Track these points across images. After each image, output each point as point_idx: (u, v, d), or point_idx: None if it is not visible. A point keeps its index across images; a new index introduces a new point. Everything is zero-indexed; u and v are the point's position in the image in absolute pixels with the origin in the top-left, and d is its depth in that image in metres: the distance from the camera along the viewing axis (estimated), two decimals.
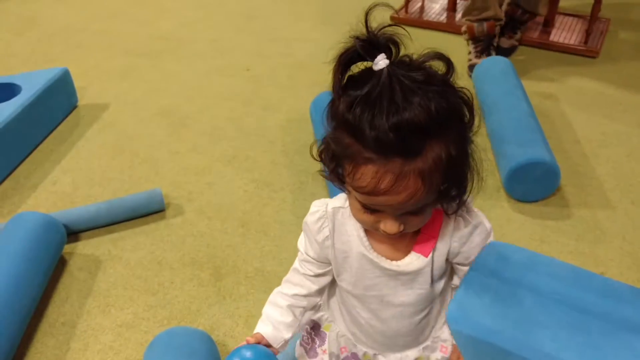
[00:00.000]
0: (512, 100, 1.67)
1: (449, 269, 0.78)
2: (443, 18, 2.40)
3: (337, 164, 0.64)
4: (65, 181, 1.63)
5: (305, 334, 0.91)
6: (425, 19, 2.41)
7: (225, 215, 1.49)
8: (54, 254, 1.32)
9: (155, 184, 1.59)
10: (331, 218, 0.75)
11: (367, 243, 0.73)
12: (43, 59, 2.26)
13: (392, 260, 0.73)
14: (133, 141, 1.80)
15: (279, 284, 0.86)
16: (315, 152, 0.69)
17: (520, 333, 0.58)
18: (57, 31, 2.51)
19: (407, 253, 0.73)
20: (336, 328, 0.86)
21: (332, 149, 0.63)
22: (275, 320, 0.81)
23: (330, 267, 0.80)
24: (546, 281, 0.63)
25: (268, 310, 0.83)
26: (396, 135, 0.56)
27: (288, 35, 2.40)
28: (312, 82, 2.03)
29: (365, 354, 0.84)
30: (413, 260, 0.72)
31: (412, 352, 0.82)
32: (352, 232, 0.74)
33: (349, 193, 0.66)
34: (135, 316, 1.24)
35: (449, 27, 2.35)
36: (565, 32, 2.26)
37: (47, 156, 1.74)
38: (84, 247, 1.42)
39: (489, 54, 2.02)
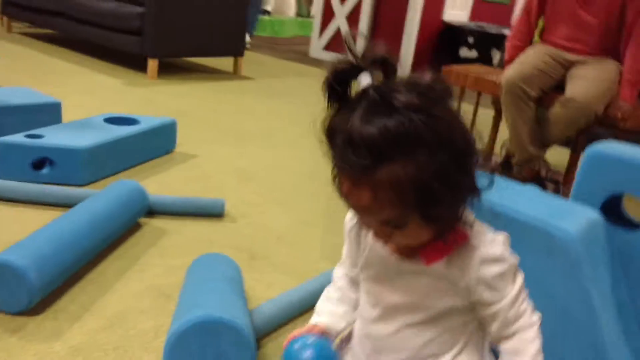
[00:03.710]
0: None
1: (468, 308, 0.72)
2: None
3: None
4: (153, 187, 2.07)
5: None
6: None
7: (268, 233, 1.87)
8: (137, 210, 1.73)
9: None
10: None
11: None
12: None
13: (396, 255, 0.73)
14: (210, 179, 2.25)
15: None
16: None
17: None
18: (182, 114, 3.14)
19: (414, 255, 0.71)
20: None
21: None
22: (329, 312, 0.82)
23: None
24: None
25: (321, 304, 0.84)
26: (351, 150, 0.60)
27: None
28: None
29: None
30: (414, 263, 0.70)
31: None
32: None
33: None
34: (183, 263, 1.58)
35: None
36: None
37: (144, 171, 2.22)
38: (157, 222, 1.82)
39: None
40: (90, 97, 3.17)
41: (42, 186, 1.82)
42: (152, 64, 3.77)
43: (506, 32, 4.78)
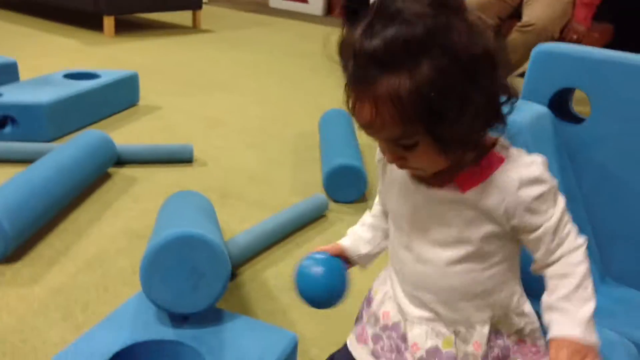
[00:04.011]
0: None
1: (509, 242, 0.67)
2: None
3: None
4: (120, 139, 2.06)
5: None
6: None
7: (238, 173, 1.90)
8: (106, 158, 1.73)
9: None
10: None
11: None
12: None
13: (427, 186, 0.67)
14: (177, 128, 2.26)
15: None
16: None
17: None
18: (143, 69, 3.10)
19: (447, 183, 0.66)
20: (384, 289, 0.77)
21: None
22: (355, 235, 0.82)
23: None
24: None
25: (354, 227, 0.83)
26: (354, 61, 0.58)
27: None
28: None
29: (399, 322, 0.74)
30: (448, 191, 0.66)
31: (439, 326, 0.70)
32: None
33: None
34: (155, 206, 1.59)
35: None
36: None
37: (110, 125, 2.21)
38: (126, 171, 1.83)
39: None
40: (48, 58, 3.10)
41: (6, 143, 1.80)
42: (108, 22, 3.69)
43: None
